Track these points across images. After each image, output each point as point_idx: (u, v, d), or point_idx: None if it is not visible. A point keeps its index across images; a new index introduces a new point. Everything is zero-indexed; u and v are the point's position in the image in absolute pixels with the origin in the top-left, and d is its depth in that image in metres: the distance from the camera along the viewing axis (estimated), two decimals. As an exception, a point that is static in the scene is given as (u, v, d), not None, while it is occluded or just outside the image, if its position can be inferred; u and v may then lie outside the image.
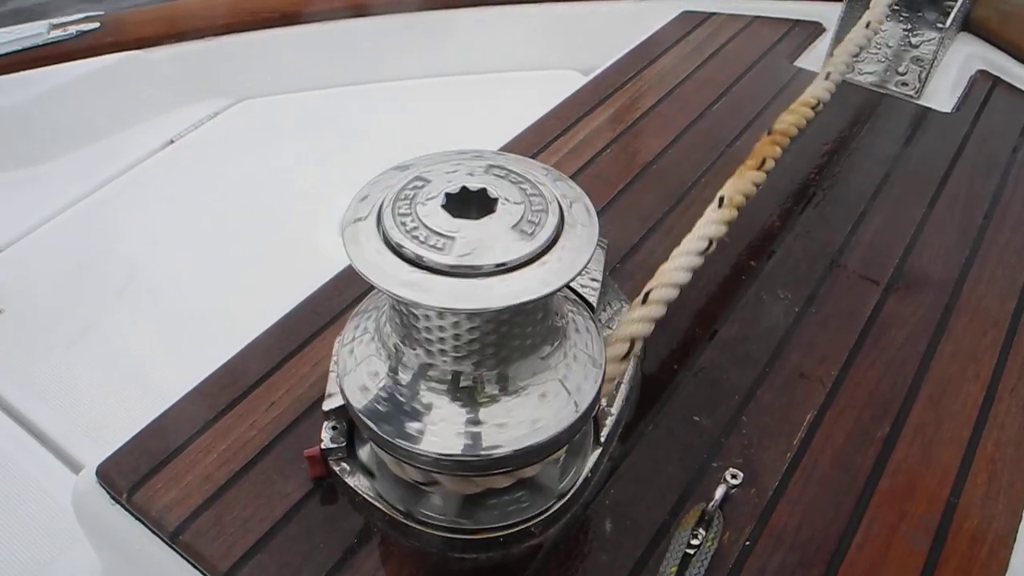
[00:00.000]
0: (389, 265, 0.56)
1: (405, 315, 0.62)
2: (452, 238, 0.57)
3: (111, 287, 1.39)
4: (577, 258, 0.58)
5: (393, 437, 0.63)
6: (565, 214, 0.61)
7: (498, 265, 0.56)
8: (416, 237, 0.57)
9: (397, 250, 0.57)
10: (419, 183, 0.62)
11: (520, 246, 0.57)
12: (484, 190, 0.61)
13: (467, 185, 0.61)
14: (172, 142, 1.71)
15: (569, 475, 0.75)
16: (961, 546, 0.75)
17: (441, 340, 0.61)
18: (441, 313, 0.59)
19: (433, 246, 0.57)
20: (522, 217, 0.59)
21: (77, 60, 1.69)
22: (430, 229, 0.58)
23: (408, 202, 0.60)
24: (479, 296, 0.55)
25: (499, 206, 0.60)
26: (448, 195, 0.60)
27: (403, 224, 0.58)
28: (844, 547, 0.75)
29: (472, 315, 0.59)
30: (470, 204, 0.61)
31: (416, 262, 0.56)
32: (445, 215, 0.59)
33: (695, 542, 0.73)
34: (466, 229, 0.58)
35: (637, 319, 0.79)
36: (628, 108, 1.32)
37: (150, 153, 1.68)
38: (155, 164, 1.66)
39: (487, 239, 0.57)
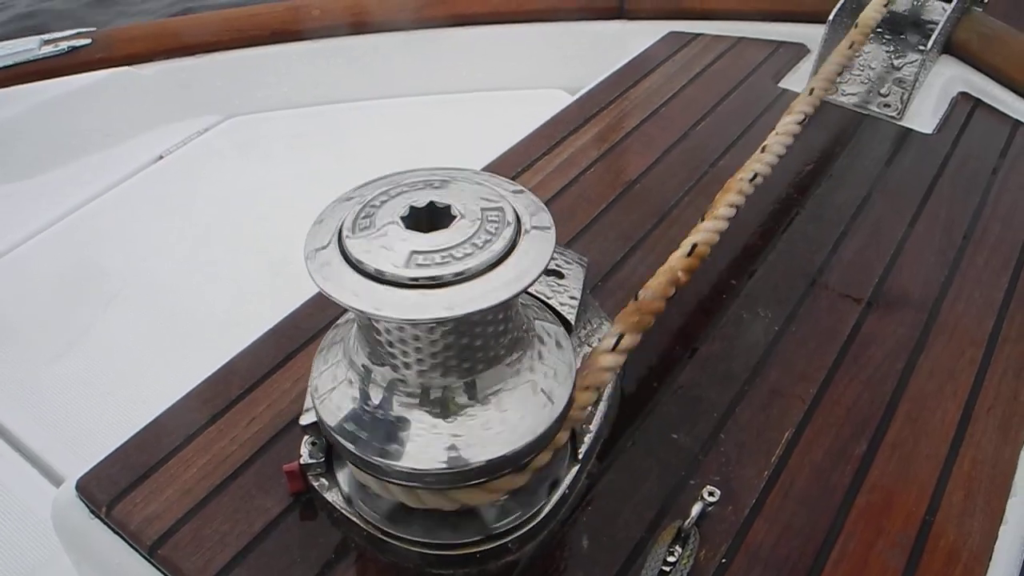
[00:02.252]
0: (348, 280, 0.58)
1: (371, 332, 0.63)
2: (410, 251, 0.58)
3: (97, 301, 1.39)
4: (532, 266, 0.59)
5: (368, 455, 0.63)
6: (522, 224, 0.62)
7: (456, 275, 0.57)
8: (375, 251, 0.58)
9: (357, 266, 0.58)
10: (379, 200, 0.63)
11: (477, 256, 0.58)
12: (441, 205, 0.62)
13: (422, 201, 0.63)
14: (161, 158, 1.72)
15: (546, 492, 0.76)
16: (937, 563, 0.76)
17: (406, 354, 0.62)
18: (405, 326, 0.60)
19: (391, 260, 0.58)
20: (479, 228, 0.60)
21: (68, 76, 1.69)
22: (388, 243, 0.59)
23: (368, 218, 0.61)
24: (438, 305, 0.56)
25: (457, 218, 0.61)
26: (408, 210, 0.62)
27: (363, 239, 0.59)
28: (820, 564, 0.75)
29: (435, 325, 0.60)
30: (428, 218, 0.62)
31: (376, 276, 0.57)
32: (403, 229, 0.60)
33: (671, 559, 0.74)
34: (423, 241, 0.59)
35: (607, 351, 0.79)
36: (613, 127, 1.33)
37: (139, 168, 1.69)
38: (144, 180, 1.66)
39: (445, 250, 0.59)
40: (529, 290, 0.60)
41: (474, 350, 0.62)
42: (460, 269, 0.57)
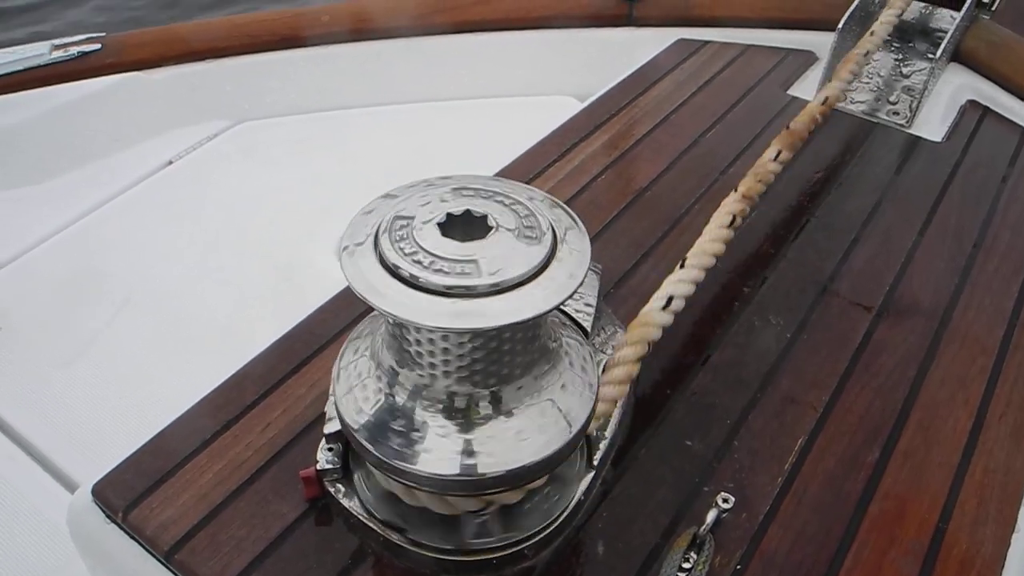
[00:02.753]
0: (385, 286, 0.58)
1: (401, 336, 0.63)
2: (447, 259, 0.59)
3: (109, 306, 1.40)
4: (569, 280, 0.59)
5: (389, 458, 0.64)
6: (558, 237, 0.62)
7: (492, 286, 0.57)
8: (412, 258, 0.59)
9: (393, 271, 0.58)
10: (417, 206, 0.63)
11: (514, 267, 0.59)
12: (480, 214, 0.63)
13: (466, 208, 0.63)
14: (171, 163, 1.72)
15: (562, 498, 0.76)
16: (950, 571, 0.76)
17: (434, 361, 0.62)
18: (435, 333, 0.60)
19: (428, 267, 0.58)
20: (516, 240, 0.61)
21: (78, 81, 1.70)
22: (426, 250, 0.59)
23: (405, 224, 0.61)
24: (473, 316, 0.56)
25: (494, 229, 0.61)
26: (444, 218, 0.62)
27: (399, 246, 0.60)
28: (834, 572, 0.76)
29: (465, 335, 0.60)
30: (466, 227, 0.62)
31: (411, 283, 0.58)
32: (441, 237, 0.61)
33: (686, 565, 0.74)
34: (462, 250, 0.60)
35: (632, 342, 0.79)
36: (623, 134, 1.33)
37: (149, 173, 1.69)
38: (153, 185, 1.67)
39: (482, 260, 0.59)
40: None
41: (502, 362, 0.63)
42: (496, 281, 0.57)
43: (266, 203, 1.60)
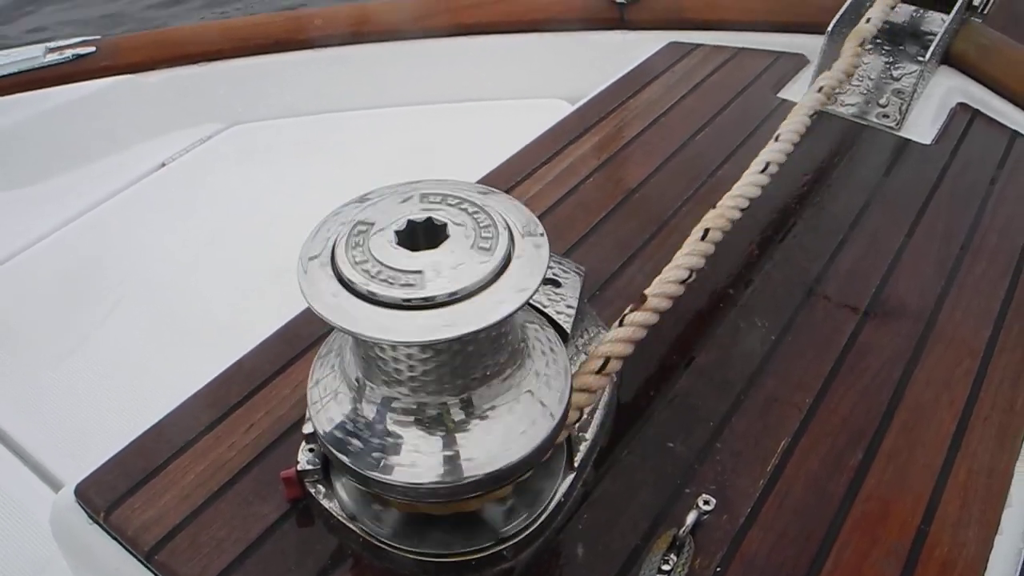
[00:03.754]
0: (341, 302, 0.57)
1: (365, 349, 0.63)
2: (401, 271, 0.58)
3: (99, 307, 1.40)
4: (527, 281, 0.59)
5: (364, 469, 0.64)
6: (516, 245, 0.61)
7: (450, 295, 0.57)
8: (367, 272, 0.58)
9: (349, 286, 0.58)
10: (370, 215, 0.63)
11: (471, 274, 0.58)
12: (433, 221, 0.62)
13: (415, 217, 0.62)
14: (164, 165, 1.73)
15: (541, 500, 0.76)
16: (931, 573, 0.76)
17: (399, 373, 0.62)
18: (397, 346, 0.60)
19: (385, 280, 0.57)
20: (472, 245, 0.60)
21: (72, 83, 1.71)
22: (381, 263, 0.59)
23: (360, 236, 0.61)
24: (432, 327, 0.56)
25: (449, 236, 0.61)
26: (399, 228, 0.61)
27: (355, 259, 0.59)
28: (815, 573, 0.76)
29: (427, 347, 0.59)
30: (421, 234, 0.62)
31: (368, 298, 0.57)
32: (396, 248, 0.60)
33: (666, 567, 0.74)
34: (414, 260, 0.59)
35: (612, 339, 0.80)
36: (613, 137, 1.33)
37: (142, 176, 1.70)
38: (147, 187, 1.67)
39: (438, 269, 0.58)
40: None
41: (469, 368, 0.63)
42: (454, 289, 0.57)
43: (259, 205, 1.60)
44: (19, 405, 1.23)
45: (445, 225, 0.62)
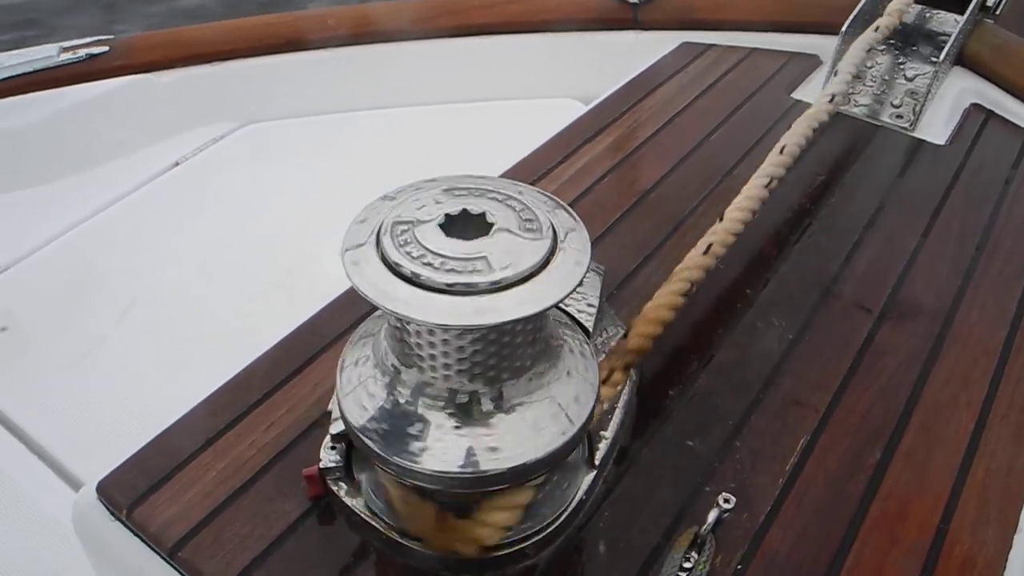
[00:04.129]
0: (386, 283, 0.58)
1: (402, 334, 0.64)
2: (448, 257, 0.59)
3: (115, 307, 1.40)
4: (568, 278, 0.60)
5: (390, 455, 0.64)
6: (558, 237, 0.63)
7: (492, 283, 0.58)
8: (413, 256, 0.59)
9: (395, 269, 0.59)
10: (417, 205, 0.64)
11: (514, 265, 0.59)
12: (480, 213, 0.63)
13: (465, 208, 0.63)
14: (177, 164, 1.73)
15: (563, 497, 0.76)
16: (951, 572, 0.76)
17: (436, 358, 0.63)
18: (434, 330, 0.61)
19: (429, 264, 0.59)
20: (516, 238, 0.61)
21: (85, 83, 1.71)
22: (427, 249, 0.60)
23: (407, 223, 0.62)
24: (473, 313, 0.57)
25: (494, 228, 0.62)
26: (446, 216, 0.63)
27: (401, 244, 0.60)
28: (835, 572, 0.76)
29: (466, 332, 0.61)
30: (467, 225, 0.63)
31: (413, 280, 0.58)
32: (442, 235, 0.61)
33: (687, 565, 0.74)
34: (462, 248, 0.60)
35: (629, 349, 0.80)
36: (627, 137, 1.34)
37: (155, 175, 1.70)
38: (160, 186, 1.68)
39: (488, 257, 0.59)
40: None
41: (503, 358, 0.63)
42: (497, 278, 0.58)
43: (272, 205, 1.61)
44: (36, 406, 1.24)
45: (484, 214, 0.63)
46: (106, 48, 1.73)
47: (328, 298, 1.01)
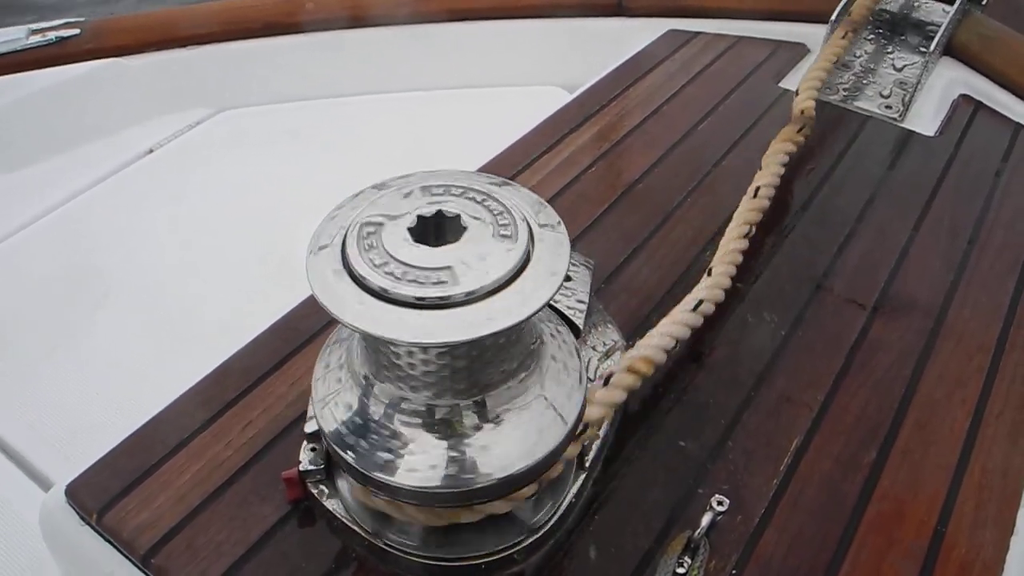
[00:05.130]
0: (350, 296, 0.54)
1: (374, 347, 0.60)
2: (418, 268, 0.55)
3: (86, 298, 1.36)
4: (547, 283, 0.56)
5: (370, 471, 0.61)
6: (535, 237, 0.59)
7: (467, 294, 0.54)
8: (380, 267, 0.55)
9: (360, 281, 0.55)
10: (385, 208, 0.60)
11: (500, 264, 0.55)
12: (455, 215, 0.59)
13: (439, 210, 0.59)
14: (151, 151, 1.68)
15: (552, 501, 0.74)
16: (950, 575, 0.75)
17: (411, 373, 0.59)
18: (411, 348, 0.57)
19: (399, 277, 0.54)
20: (490, 243, 0.57)
21: (56, 66, 1.66)
22: (395, 259, 0.55)
23: (373, 228, 0.58)
24: (448, 328, 0.53)
25: (466, 232, 0.58)
26: (414, 222, 0.58)
27: (367, 253, 0.56)
28: (832, 575, 0.74)
29: (443, 348, 0.57)
30: (439, 229, 0.59)
31: (380, 295, 0.54)
32: (411, 243, 0.57)
33: (680, 570, 0.72)
34: (433, 257, 0.56)
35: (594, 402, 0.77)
36: (613, 126, 1.31)
37: (129, 162, 1.65)
38: (134, 173, 1.63)
39: (455, 267, 0.55)
40: None
41: (483, 371, 0.60)
42: (472, 288, 0.54)
43: (248, 192, 1.57)
44: (4, 401, 1.19)
45: (458, 217, 0.59)
46: (77, 31, 1.68)
47: (306, 290, 0.98)
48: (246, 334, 0.94)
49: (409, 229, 0.58)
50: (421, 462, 0.61)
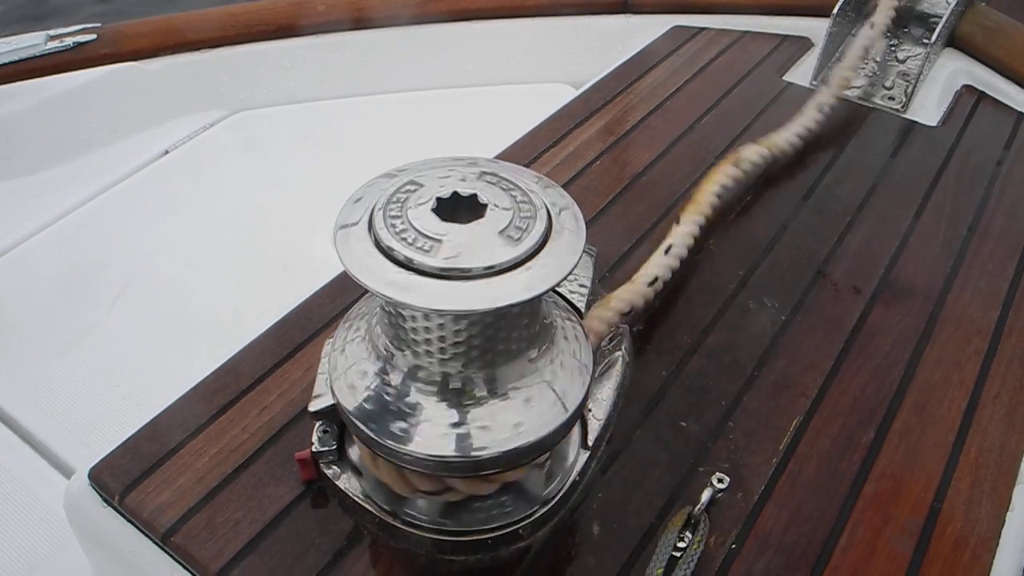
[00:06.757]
0: (378, 266, 0.58)
1: (395, 317, 0.63)
2: (441, 241, 0.59)
3: (104, 296, 1.39)
4: (563, 263, 0.59)
5: (382, 437, 0.64)
6: (553, 220, 0.62)
7: (486, 268, 0.57)
8: (405, 240, 0.59)
9: (387, 252, 0.59)
10: (411, 187, 0.63)
11: (508, 250, 0.59)
12: (474, 195, 0.63)
13: (458, 190, 0.63)
14: (167, 153, 1.72)
15: (557, 479, 0.76)
16: (944, 549, 0.77)
17: (429, 342, 0.62)
18: (429, 315, 0.60)
19: (422, 248, 0.58)
20: (510, 222, 0.61)
21: (73, 71, 1.70)
22: (419, 232, 0.59)
23: (399, 205, 0.61)
24: (466, 298, 0.56)
25: (488, 211, 0.62)
26: (439, 199, 0.62)
27: (393, 227, 0.60)
28: (829, 550, 0.76)
29: (459, 317, 0.60)
30: (460, 209, 0.62)
31: (405, 264, 0.58)
32: (435, 219, 0.61)
33: (681, 545, 0.74)
34: (455, 233, 0.60)
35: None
36: (618, 120, 1.33)
37: (145, 164, 1.69)
38: (150, 174, 1.67)
39: (475, 243, 0.59)
40: None
41: (497, 342, 0.63)
42: (492, 263, 0.58)
43: (262, 192, 1.60)
44: (27, 394, 1.23)
45: (479, 198, 0.63)
46: (93, 36, 1.72)
47: (320, 282, 1.01)
48: (260, 326, 0.96)
49: (433, 208, 0.62)
50: (432, 431, 0.64)
